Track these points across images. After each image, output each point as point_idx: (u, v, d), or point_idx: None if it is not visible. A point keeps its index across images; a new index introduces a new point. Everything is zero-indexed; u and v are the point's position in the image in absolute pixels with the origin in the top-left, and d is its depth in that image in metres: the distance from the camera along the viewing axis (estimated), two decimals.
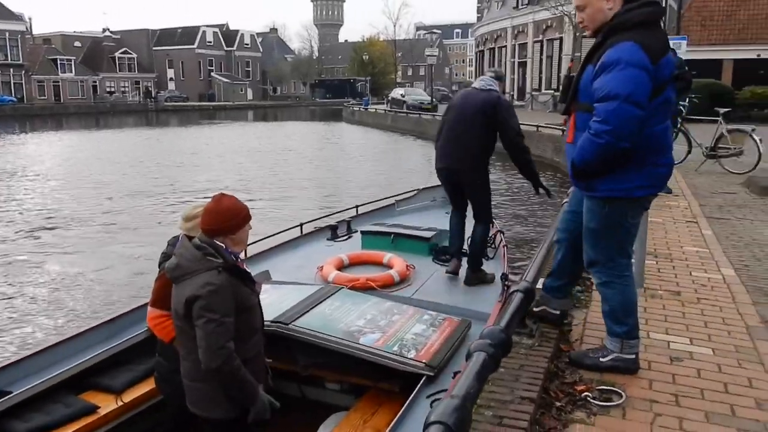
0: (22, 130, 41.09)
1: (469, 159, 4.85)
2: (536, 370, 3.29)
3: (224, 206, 2.89)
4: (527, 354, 3.49)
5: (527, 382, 3.15)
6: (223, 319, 2.71)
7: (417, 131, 34.52)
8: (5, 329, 7.73)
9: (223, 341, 2.71)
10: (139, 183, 18.78)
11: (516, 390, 3.06)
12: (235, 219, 2.88)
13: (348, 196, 15.62)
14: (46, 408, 3.48)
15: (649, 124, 3.03)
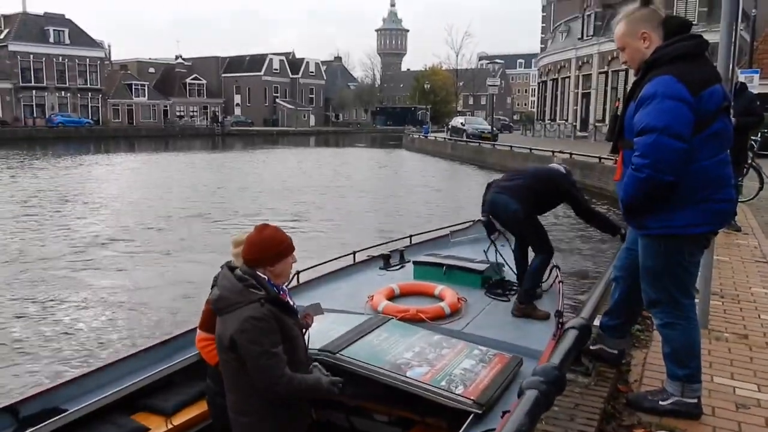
0: (96, 151, 43.13)
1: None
2: (592, 410, 3.19)
3: (265, 237, 2.88)
4: (582, 393, 3.38)
5: (582, 422, 3.06)
6: (273, 350, 2.71)
7: (476, 160, 34.36)
8: (60, 348, 8.03)
9: (280, 371, 2.72)
10: (200, 206, 19.34)
11: (570, 430, 2.98)
12: (275, 249, 2.87)
13: (403, 226, 15.61)
14: (99, 428, 3.56)
15: (697, 158, 2.95)
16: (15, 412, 3.46)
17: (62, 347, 8.00)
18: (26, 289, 10.35)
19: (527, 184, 5.01)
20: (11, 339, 8.18)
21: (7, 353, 7.73)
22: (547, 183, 5.04)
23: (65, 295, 10.12)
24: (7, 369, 7.28)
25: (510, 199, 4.96)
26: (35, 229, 15.34)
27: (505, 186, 5.11)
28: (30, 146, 44.29)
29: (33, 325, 8.74)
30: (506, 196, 4.99)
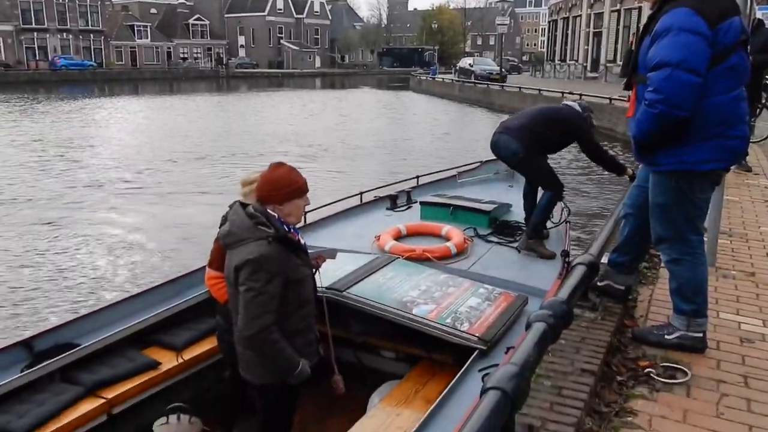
0: (100, 94, 42.79)
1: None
2: (598, 343, 3.23)
3: (279, 175, 2.87)
4: (589, 327, 3.42)
5: (588, 355, 3.10)
6: (264, 289, 2.71)
7: (485, 102, 33.90)
8: (67, 287, 8.17)
9: (260, 311, 2.71)
10: (205, 149, 19.27)
11: (576, 362, 3.01)
12: (288, 188, 2.85)
13: (410, 166, 15.55)
14: (111, 362, 3.64)
15: (712, 92, 2.89)
16: (29, 347, 3.54)
17: (69, 286, 8.15)
18: (29, 232, 10.45)
19: (529, 124, 4.92)
20: (17, 279, 8.32)
21: (15, 292, 7.87)
22: (552, 122, 4.94)
23: (69, 237, 10.24)
24: (18, 306, 7.43)
25: (510, 140, 4.90)
26: (37, 173, 15.35)
27: (507, 126, 5.05)
28: (33, 90, 43.92)
29: (37, 265, 8.87)
30: (507, 136, 4.93)
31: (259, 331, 2.71)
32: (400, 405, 3.31)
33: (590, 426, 2.57)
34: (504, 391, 1.87)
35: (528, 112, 5.17)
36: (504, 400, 1.86)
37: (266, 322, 2.73)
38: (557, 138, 4.97)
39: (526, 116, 5.06)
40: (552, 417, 2.54)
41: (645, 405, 2.78)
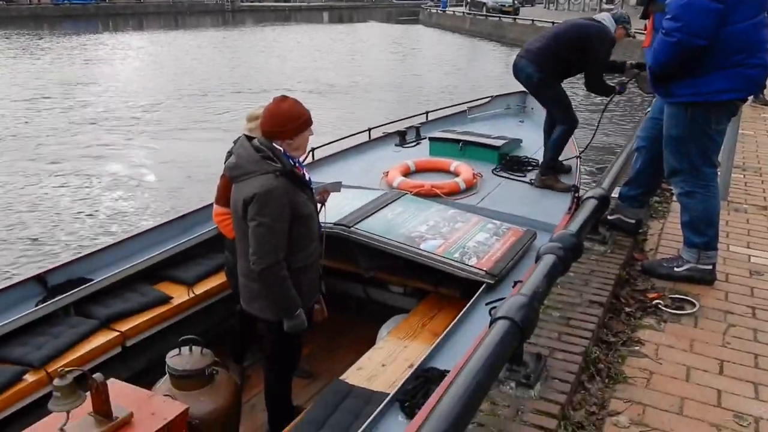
0: (104, 29, 42.02)
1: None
2: (607, 276, 3.23)
3: (284, 109, 2.81)
4: (598, 260, 3.42)
5: (597, 287, 3.11)
6: (274, 224, 2.70)
7: (496, 36, 33.10)
8: (79, 221, 8.25)
9: (271, 246, 2.72)
10: (210, 85, 19.05)
11: (585, 294, 3.02)
12: (294, 122, 2.80)
13: (419, 102, 15.35)
14: (124, 296, 3.71)
15: (731, 19, 2.79)
16: (43, 282, 3.60)
17: (76, 223, 8.24)
18: (32, 170, 10.49)
19: (550, 46, 4.67)
20: (23, 217, 8.41)
21: (24, 230, 7.97)
22: (574, 42, 4.65)
23: (73, 175, 10.30)
24: (27, 243, 7.54)
25: (528, 63, 4.70)
26: (38, 111, 15.25)
27: (528, 48, 4.82)
28: (37, 25, 43.17)
29: (42, 203, 8.95)
30: (526, 60, 4.74)
31: (270, 265, 2.72)
32: (408, 337, 3.36)
33: (597, 355, 2.61)
34: (513, 320, 1.89)
35: (551, 33, 4.87)
36: (513, 329, 1.88)
37: (277, 257, 2.74)
38: (576, 60, 4.70)
39: (549, 37, 4.79)
40: (560, 346, 2.58)
41: (652, 335, 2.81)
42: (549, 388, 2.30)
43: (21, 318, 3.30)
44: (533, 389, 2.26)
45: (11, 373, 2.96)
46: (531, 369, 2.30)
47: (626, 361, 2.62)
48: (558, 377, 2.37)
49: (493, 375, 1.75)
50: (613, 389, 2.44)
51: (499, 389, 2.27)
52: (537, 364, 2.33)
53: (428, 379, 2.61)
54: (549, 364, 2.44)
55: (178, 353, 2.79)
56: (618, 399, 2.38)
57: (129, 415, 2.39)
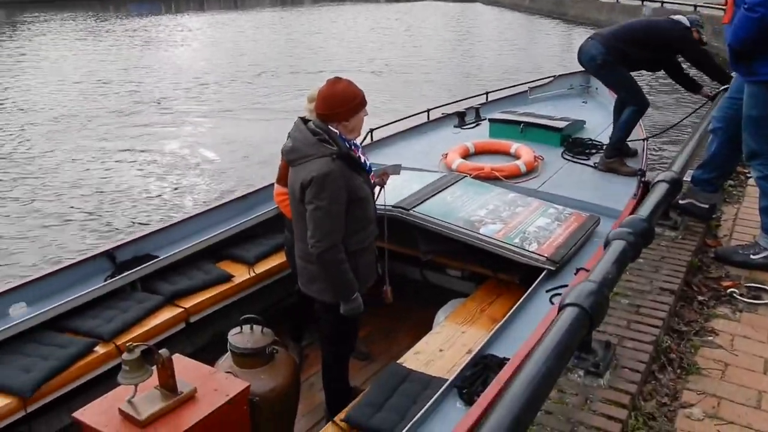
0: (167, 11, 42.91)
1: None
2: (678, 262, 3.13)
3: (337, 91, 2.78)
4: (669, 246, 3.32)
5: (668, 273, 3.01)
6: (331, 207, 2.70)
7: (557, 13, 32.20)
8: (142, 199, 8.52)
9: (329, 229, 2.71)
10: (267, 65, 19.21)
11: (655, 281, 2.94)
12: (348, 104, 2.77)
13: (479, 82, 15.12)
14: (188, 273, 3.81)
15: None
16: (112, 257, 3.74)
17: (139, 200, 8.50)
18: (95, 149, 10.84)
19: (622, 36, 4.60)
20: (88, 193, 8.73)
21: (90, 204, 8.28)
22: (648, 38, 4.58)
23: (136, 153, 10.60)
24: (94, 219, 7.85)
25: (595, 44, 4.62)
26: (99, 92, 15.66)
27: (598, 32, 4.80)
28: (103, 6, 44.43)
29: (104, 182, 9.26)
30: (593, 41, 4.68)
31: (327, 248, 2.73)
32: (466, 323, 3.33)
33: (669, 344, 2.54)
34: (582, 307, 1.85)
35: (626, 25, 4.85)
36: (582, 316, 1.84)
37: (335, 240, 2.74)
38: (649, 55, 4.62)
39: (623, 28, 4.77)
40: (629, 335, 2.51)
41: (726, 325, 2.71)
42: (618, 378, 2.26)
43: (91, 292, 3.44)
44: (602, 378, 2.22)
45: (83, 345, 3.09)
46: (600, 357, 2.26)
47: (699, 351, 2.54)
48: (628, 366, 2.32)
49: (562, 362, 1.72)
50: (685, 380, 2.36)
51: (567, 377, 2.24)
52: (606, 353, 2.29)
53: (487, 366, 2.59)
54: (618, 352, 2.39)
55: (240, 331, 2.84)
56: (691, 390, 2.30)
57: (193, 390, 2.46)
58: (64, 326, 3.27)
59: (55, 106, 14.00)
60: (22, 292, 3.36)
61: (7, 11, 39.92)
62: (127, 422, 2.31)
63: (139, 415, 2.30)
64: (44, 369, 2.89)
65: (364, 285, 3.00)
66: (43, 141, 11.33)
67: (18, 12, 39.10)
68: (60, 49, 22.84)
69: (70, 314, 3.33)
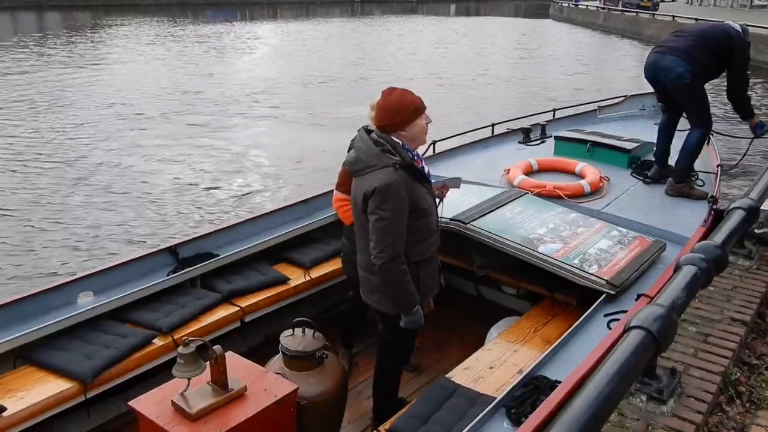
0: (242, 18, 44.21)
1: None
2: (752, 293, 3.02)
3: (391, 101, 2.76)
4: (742, 276, 3.20)
5: (740, 304, 2.92)
6: (393, 218, 2.68)
7: (631, 32, 31.49)
8: (206, 198, 8.74)
9: (391, 240, 2.70)
10: (334, 74, 19.46)
11: (726, 311, 2.85)
12: (403, 113, 2.75)
13: (546, 99, 14.90)
14: (246, 273, 3.89)
15: None
16: (175, 253, 3.85)
17: (203, 200, 8.74)
18: (162, 148, 11.21)
19: (697, 46, 4.33)
20: (154, 191, 9.03)
21: (156, 203, 8.57)
22: (713, 43, 4.33)
23: (194, 156, 10.87)
24: (161, 215, 8.12)
25: (678, 61, 4.31)
26: (167, 94, 16.15)
27: (673, 46, 4.43)
28: (182, 12, 46.16)
29: (171, 179, 9.56)
30: (673, 57, 4.35)
31: (390, 259, 2.71)
32: (518, 341, 3.27)
33: (738, 376, 2.43)
34: (649, 331, 1.80)
35: (696, 31, 4.53)
36: (649, 340, 1.79)
37: (397, 251, 2.72)
38: (716, 62, 4.37)
39: (695, 35, 4.45)
40: (696, 363, 2.43)
41: None
42: (683, 406, 2.19)
43: (154, 285, 3.55)
44: (666, 405, 2.16)
45: (143, 336, 3.20)
46: (664, 384, 2.20)
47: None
48: (693, 395, 2.24)
49: (625, 385, 1.69)
50: (755, 415, 2.27)
51: (629, 401, 2.18)
52: (671, 379, 2.22)
53: (537, 388, 2.52)
54: (684, 380, 2.31)
55: (292, 334, 2.87)
56: (761, 426, 2.21)
57: (243, 388, 2.50)
58: (126, 317, 3.39)
59: (119, 106, 14.56)
60: (90, 281, 3.51)
61: (93, 13, 42.11)
62: (179, 415, 2.37)
63: (191, 408, 2.35)
64: (105, 357, 3.00)
65: (426, 296, 2.98)
66: (101, 138, 11.78)
67: (103, 15, 41.16)
68: (130, 53, 23.72)
69: (132, 305, 3.45)
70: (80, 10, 43.81)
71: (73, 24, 35.64)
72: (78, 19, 38.39)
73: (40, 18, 39.04)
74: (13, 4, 43.18)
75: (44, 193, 8.87)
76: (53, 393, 2.81)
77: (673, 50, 4.39)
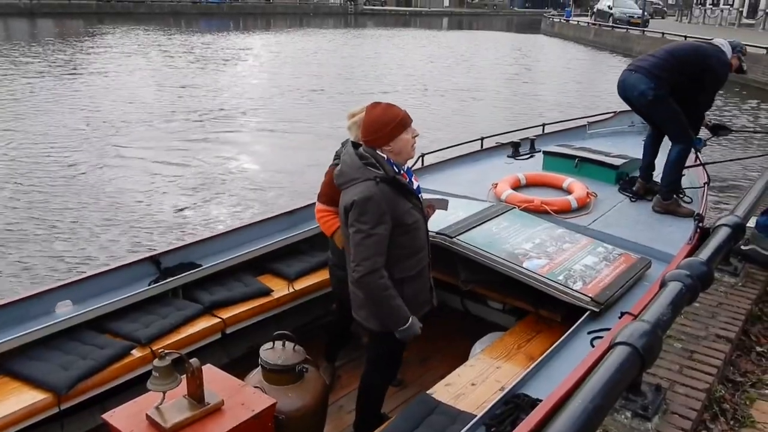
0: (235, 28, 44.24)
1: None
2: (737, 310, 3.04)
3: (374, 116, 2.74)
4: (728, 293, 3.22)
5: (725, 321, 2.93)
6: (371, 231, 2.64)
7: (622, 48, 31.77)
8: (187, 207, 8.67)
9: (369, 254, 2.66)
10: (324, 85, 19.46)
11: (711, 327, 2.86)
12: (386, 127, 2.71)
13: (535, 114, 14.98)
14: (228, 284, 3.84)
15: None
16: (157, 263, 3.80)
17: (184, 209, 8.66)
18: (137, 158, 11.09)
19: (664, 65, 4.36)
20: (132, 204, 8.92)
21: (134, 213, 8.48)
22: (693, 60, 4.36)
23: (174, 165, 10.77)
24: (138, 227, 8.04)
25: (641, 78, 4.37)
26: (148, 104, 16.00)
27: (639, 65, 4.49)
28: (176, 22, 46.14)
29: (156, 189, 9.48)
30: (638, 74, 4.41)
31: (367, 273, 2.68)
32: (502, 358, 3.24)
33: (723, 394, 2.43)
34: (634, 347, 1.80)
35: (666, 49, 4.57)
36: (634, 356, 1.79)
37: (375, 265, 2.68)
38: (683, 80, 4.37)
39: (664, 52, 4.50)
40: (681, 380, 2.44)
41: None
42: (668, 423, 2.18)
43: (134, 296, 3.50)
44: (651, 422, 2.15)
45: (121, 347, 3.14)
46: (649, 400, 2.19)
47: (755, 404, 2.43)
48: (678, 412, 2.24)
49: (610, 401, 1.68)
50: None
51: (614, 417, 2.17)
52: (656, 396, 2.22)
53: (518, 406, 2.49)
54: (669, 397, 2.30)
55: (272, 347, 2.83)
56: None
57: (220, 402, 2.46)
58: (105, 327, 3.33)
59: (98, 114, 14.42)
60: (69, 290, 3.45)
61: (86, 21, 42.02)
62: (153, 428, 2.33)
63: (165, 422, 2.31)
64: (81, 368, 2.94)
65: (414, 314, 2.88)
66: (79, 147, 11.63)
67: (96, 22, 41.06)
68: (117, 61, 23.57)
69: (112, 315, 3.40)
70: (74, 18, 43.74)
71: (64, 32, 35.46)
72: (71, 27, 38.28)
73: (32, 25, 38.86)
74: (5, 10, 43.03)
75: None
76: (26, 404, 2.75)
77: (639, 68, 4.46)
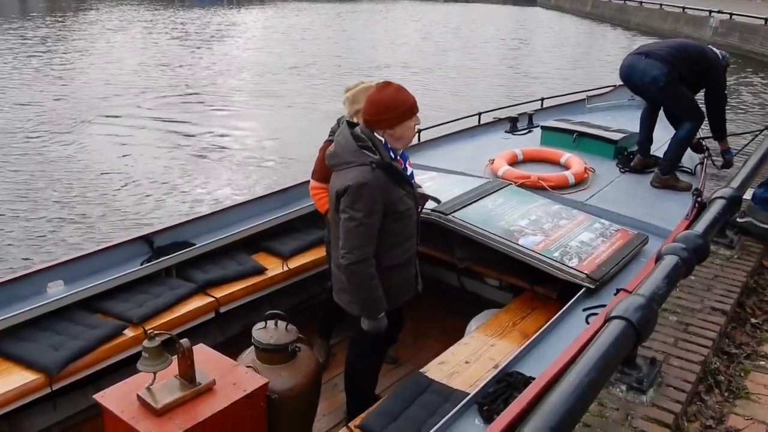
0: (229, 4, 43.56)
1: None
2: (732, 282, 3.03)
3: (385, 96, 2.63)
4: (723, 265, 3.21)
5: (720, 293, 2.92)
6: (364, 219, 2.57)
7: (619, 20, 31.47)
8: (180, 184, 8.58)
9: (360, 242, 2.60)
10: (317, 61, 19.23)
11: (707, 300, 2.85)
12: (395, 111, 2.62)
13: (534, 88, 14.85)
14: (222, 263, 3.81)
15: None
16: (150, 242, 3.77)
17: (177, 185, 8.59)
18: (134, 136, 11.01)
19: (675, 55, 4.35)
20: (126, 182, 8.86)
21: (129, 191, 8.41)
22: (699, 59, 4.38)
23: (169, 141, 10.72)
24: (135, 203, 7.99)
25: (654, 63, 4.32)
26: (142, 84, 15.79)
27: (649, 50, 4.45)
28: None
29: (148, 168, 9.42)
30: (651, 59, 4.36)
31: (356, 261, 2.62)
32: (496, 335, 3.22)
33: (717, 366, 2.44)
34: (629, 321, 1.80)
35: (675, 42, 4.58)
36: (629, 330, 1.79)
37: (366, 253, 2.62)
38: (691, 76, 4.39)
39: (671, 45, 4.48)
40: (676, 353, 2.44)
41: None
42: (662, 396, 2.18)
43: (126, 275, 3.47)
44: (645, 395, 2.16)
45: (111, 327, 3.11)
46: (644, 373, 2.20)
47: (749, 375, 2.43)
48: (673, 385, 2.24)
49: (605, 375, 1.68)
50: (733, 404, 2.26)
51: (609, 391, 2.18)
52: (651, 369, 2.22)
53: (511, 384, 2.48)
54: (664, 370, 2.31)
55: (264, 326, 2.81)
56: (738, 415, 2.20)
57: (211, 382, 2.44)
58: (97, 307, 3.30)
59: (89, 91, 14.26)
60: (60, 270, 3.42)
61: None
62: (144, 409, 2.31)
63: (156, 403, 2.29)
64: (72, 348, 2.92)
65: (397, 301, 2.87)
66: (66, 125, 11.53)
67: None
68: (108, 36, 23.26)
69: (104, 295, 3.37)
70: None
71: (55, 6, 34.93)
72: (62, 1, 37.74)
73: (23, 1, 38.31)
74: None
75: None
76: (17, 385, 2.73)
77: (650, 54, 4.39)
